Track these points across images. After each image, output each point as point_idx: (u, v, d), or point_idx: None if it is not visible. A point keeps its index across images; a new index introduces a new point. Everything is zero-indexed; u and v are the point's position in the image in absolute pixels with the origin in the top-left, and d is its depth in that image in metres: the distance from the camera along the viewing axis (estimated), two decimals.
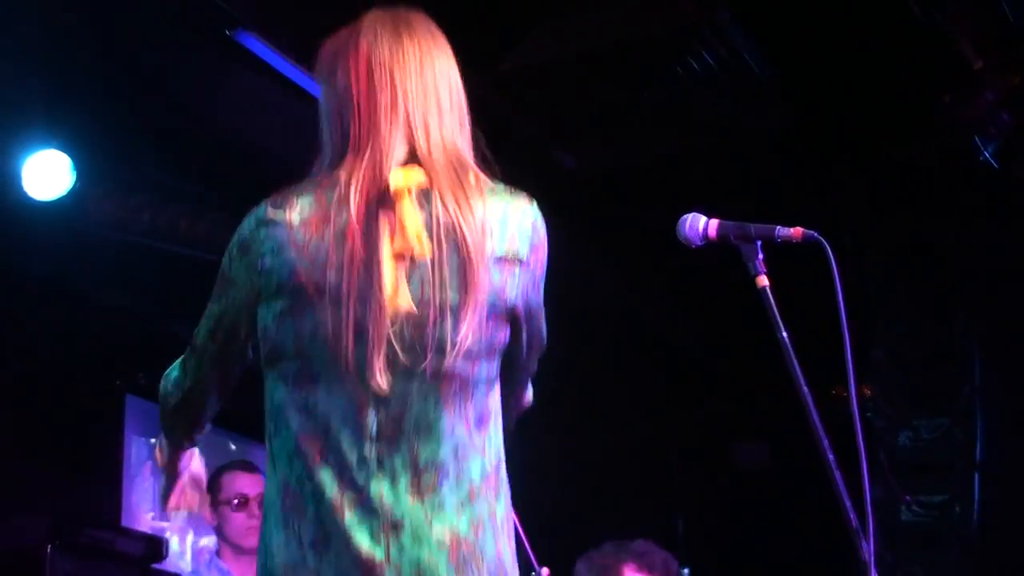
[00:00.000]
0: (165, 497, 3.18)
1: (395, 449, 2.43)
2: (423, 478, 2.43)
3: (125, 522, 7.01)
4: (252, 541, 5.13)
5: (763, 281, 2.87)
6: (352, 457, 2.42)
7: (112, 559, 6.11)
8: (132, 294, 6.86)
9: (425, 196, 2.49)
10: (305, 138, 2.72)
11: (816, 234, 2.82)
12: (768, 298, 2.85)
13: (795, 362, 2.81)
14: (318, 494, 2.43)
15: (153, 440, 7.41)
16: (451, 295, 2.45)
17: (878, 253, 7.21)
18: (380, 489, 2.41)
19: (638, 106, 6.05)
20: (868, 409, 7.60)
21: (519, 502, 2.80)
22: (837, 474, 2.69)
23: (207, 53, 5.61)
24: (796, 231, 2.84)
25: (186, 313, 7.23)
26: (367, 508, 2.41)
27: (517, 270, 2.55)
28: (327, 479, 2.42)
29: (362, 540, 2.39)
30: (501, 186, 2.61)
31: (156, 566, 6.21)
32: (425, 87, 2.63)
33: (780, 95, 6.01)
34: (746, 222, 2.88)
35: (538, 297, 2.61)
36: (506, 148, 6.01)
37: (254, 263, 2.49)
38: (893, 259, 7.33)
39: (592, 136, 6.41)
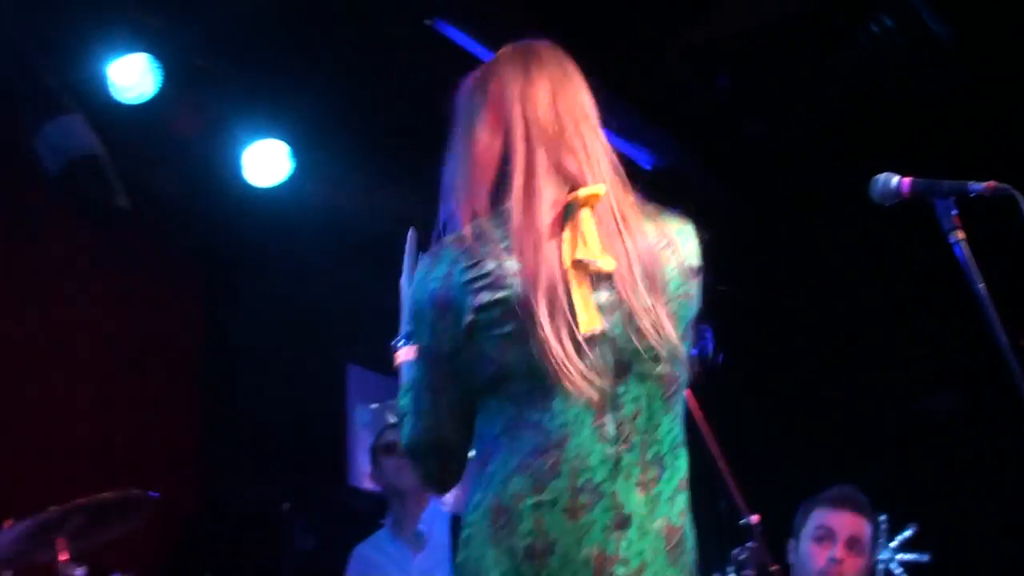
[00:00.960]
0: None
1: (629, 449, 2.47)
2: (648, 473, 2.48)
3: (352, 483, 7.12)
4: (403, 481, 5.37)
5: (959, 235, 2.80)
6: (594, 460, 2.45)
7: (342, 517, 6.22)
8: (348, 271, 6.94)
9: (601, 212, 2.55)
10: None
11: (1009, 187, 2.75)
12: (964, 251, 2.79)
13: (992, 313, 2.75)
14: (542, 506, 2.44)
15: (374, 405, 7.52)
16: (649, 302, 2.50)
17: None
18: (615, 488, 2.44)
19: (823, 73, 5.96)
20: None
21: (728, 453, 2.81)
22: None
23: (408, 42, 5.63)
24: (989, 185, 2.77)
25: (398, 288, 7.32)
26: (603, 507, 2.43)
27: (696, 281, 2.63)
28: (560, 488, 2.44)
29: (595, 537, 2.42)
30: (661, 208, 2.67)
31: (382, 521, 6.29)
32: (560, 115, 2.66)
33: (957, 54, 5.85)
34: (939, 180, 2.81)
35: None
36: (695, 120, 5.98)
37: (461, 311, 2.51)
38: None
39: (779, 105, 6.30)
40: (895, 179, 2.86)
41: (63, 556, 3.91)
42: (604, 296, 2.49)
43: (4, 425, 5.64)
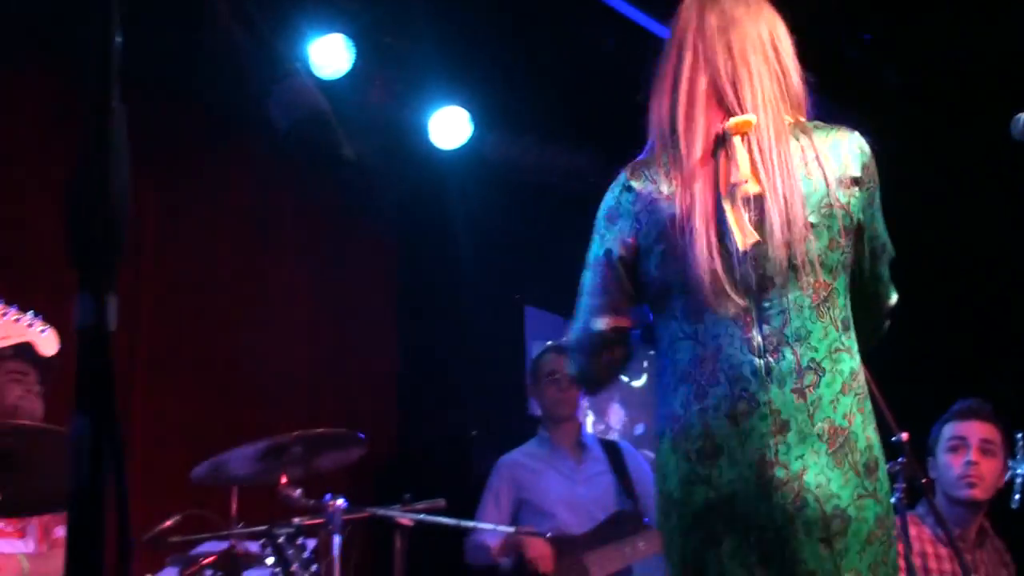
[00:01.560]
0: None
1: (779, 359, 2.43)
2: (805, 379, 2.42)
3: (530, 412, 7.14)
4: (561, 410, 5.46)
5: None
6: (745, 371, 2.43)
7: (522, 441, 6.25)
8: (525, 222, 6.95)
9: (752, 137, 2.52)
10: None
11: None
12: None
13: None
14: (706, 412, 2.45)
15: (549, 342, 7.54)
16: (790, 218, 2.45)
17: None
18: (770, 396, 2.41)
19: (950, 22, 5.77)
20: None
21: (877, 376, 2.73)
22: None
23: (574, 13, 5.59)
24: None
25: (571, 236, 7.31)
26: (760, 414, 2.41)
27: (856, 189, 2.52)
28: (720, 395, 2.44)
29: (755, 442, 2.41)
30: (821, 124, 2.59)
31: None
32: (731, 47, 2.61)
33: None
34: None
35: (875, 210, 2.58)
36: (835, 71, 5.81)
37: (626, 225, 2.57)
38: None
39: (914, 54, 6.11)
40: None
41: (284, 479, 3.99)
42: (753, 216, 2.47)
43: (233, 366, 5.80)
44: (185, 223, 5.82)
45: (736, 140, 2.52)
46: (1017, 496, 8.16)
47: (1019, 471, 8.06)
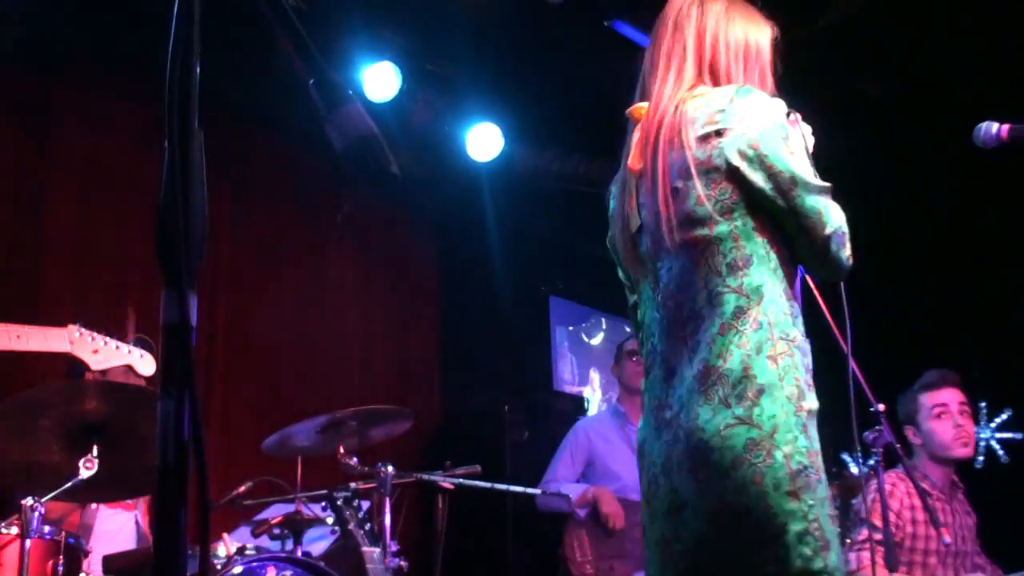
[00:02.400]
0: None
1: (668, 312, 2.37)
2: (687, 328, 2.32)
3: (555, 388, 7.16)
4: (637, 382, 5.26)
5: None
6: (653, 327, 2.42)
7: (547, 415, 6.28)
8: (550, 223, 6.97)
9: (644, 123, 2.47)
10: None
11: None
12: None
13: None
14: (641, 365, 2.50)
15: (571, 328, 7.56)
16: (662, 187, 2.36)
17: None
18: (664, 346, 2.36)
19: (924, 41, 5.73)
20: None
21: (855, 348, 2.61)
22: None
23: (593, 40, 5.59)
24: None
25: (589, 234, 7.32)
26: (659, 363, 2.37)
27: (719, 140, 2.31)
28: (644, 352, 2.45)
29: (655, 390, 2.38)
30: (710, 88, 2.42)
31: (580, 417, 6.33)
32: (658, 38, 2.54)
33: None
34: None
35: (760, 147, 2.29)
36: (816, 84, 5.75)
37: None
38: None
39: (890, 69, 6.06)
40: (996, 125, 2.73)
41: (341, 450, 4.02)
42: (641, 194, 2.44)
43: (297, 352, 5.85)
44: (255, 230, 5.86)
45: (635, 126, 2.51)
46: (981, 458, 8.13)
47: (982, 435, 8.04)
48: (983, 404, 8.01)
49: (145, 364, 3.30)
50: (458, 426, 6.32)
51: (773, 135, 2.30)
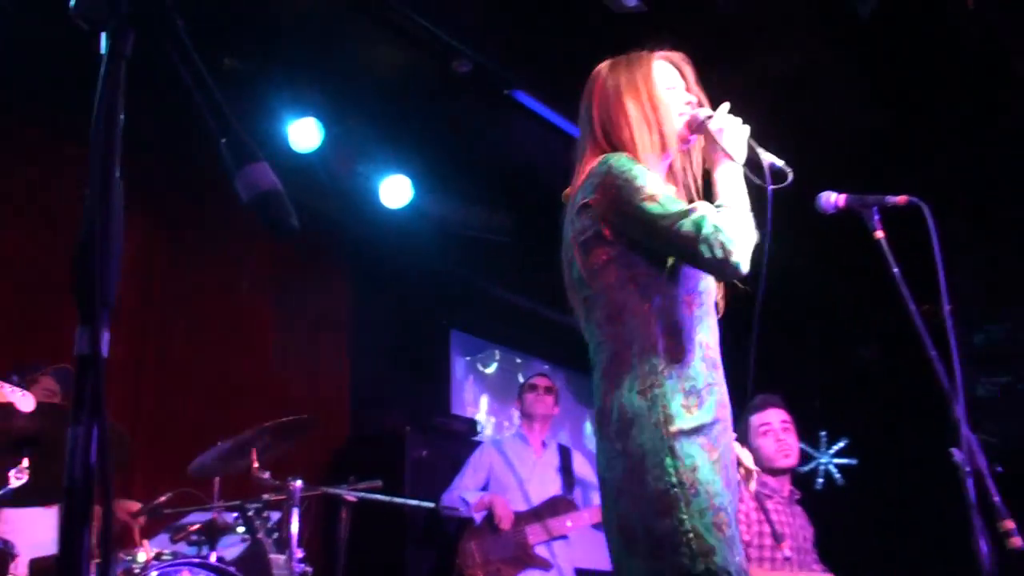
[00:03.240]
0: None
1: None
2: (593, 376, 2.36)
3: (453, 411, 7.14)
4: (534, 411, 5.60)
5: (879, 234, 2.71)
6: None
7: (445, 435, 6.24)
8: (453, 264, 6.95)
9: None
10: (561, 156, 2.69)
11: (918, 199, 2.64)
12: (883, 246, 2.70)
13: (905, 288, 2.67)
14: None
15: (468, 358, 7.55)
16: (564, 252, 2.43)
17: (958, 214, 6.81)
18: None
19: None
20: (952, 318, 7.25)
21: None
22: (938, 363, 2.55)
23: (493, 106, 5.62)
24: (902, 198, 2.68)
25: (487, 275, 7.29)
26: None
27: (588, 211, 2.34)
28: None
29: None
30: (598, 161, 2.40)
31: (473, 438, 6.31)
32: (588, 113, 2.53)
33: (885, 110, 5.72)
34: (865, 194, 2.72)
35: (625, 208, 2.29)
36: None
37: None
38: (968, 218, 6.91)
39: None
40: (833, 195, 2.78)
41: (255, 464, 3.94)
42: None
43: (218, 378, 5.75)
44: (183, 264, 5.75)
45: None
46: (821, 480, 8.28)
47: (822, 460, 8.20)
48: (823, 433, 8.18)
49: (25, 402, 3.19)
50: (364, 445, 6.25)
51: (628, 191, 2.29)
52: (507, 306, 7.47)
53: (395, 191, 6.17)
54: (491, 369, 7.79)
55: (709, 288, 2.40)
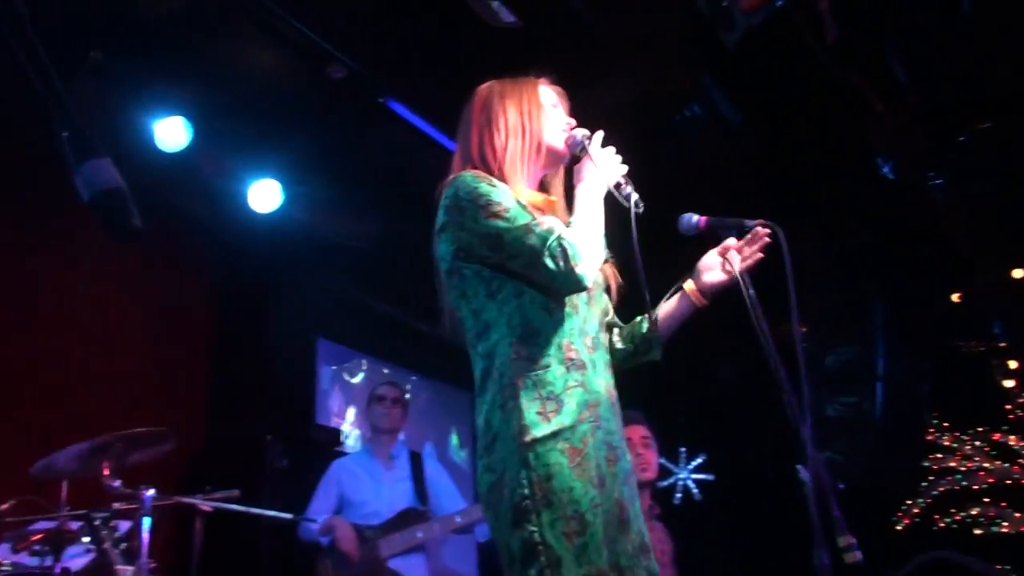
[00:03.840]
0: None
1: None
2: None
3: (317, 421, 7.03)
4: (382, 425, 5.54)
5: None
6: None
7: (308, 446, 6.15)
8: (321, 270, 6.86)
9: None
10: (432, 168, 2.69)
11: (773, 224, 2.67)
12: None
13: (758, 309, 2.65)
14: None
15: (335, 367, 7.45)
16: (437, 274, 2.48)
17: (810, 239, 7.06)
18: None
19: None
20: (804, 340, 7.51)
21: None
22: (786, 383, 2.60)
23: (367, 114, 5.58)
24: (759, 222, 2.71)
25: (356, 284, 7.22)
26: None
27: (443, 234, 2.40)
28: None
29: None
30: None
31: (337, 449, 6.24)
32: (468, 119, 2.57)
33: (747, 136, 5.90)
34: (725, 217, 2.76)
35: (470, 226, 2.34)
36: None
37: None
38: (821, 243, 7.17)
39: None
40: (695, 217, 2.82)
41: (106, 472, 3.81)
42: None
43: (74, 377, 5.54)
44: (38, 260, 5.52)
45: None
46: (679, 495, 8.44)
47: (681, 476, 8.37)
48: (683, 449, 8.35)
49: None
50: (222, 453, 6.10)
51: (473, 210, 2.33)
52: (375, 315, 7.41)
53: (264, 195, 6.06)
54: (358, 379, 7.71)
55: None
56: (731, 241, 2.70)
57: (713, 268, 2.69)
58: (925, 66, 5.31)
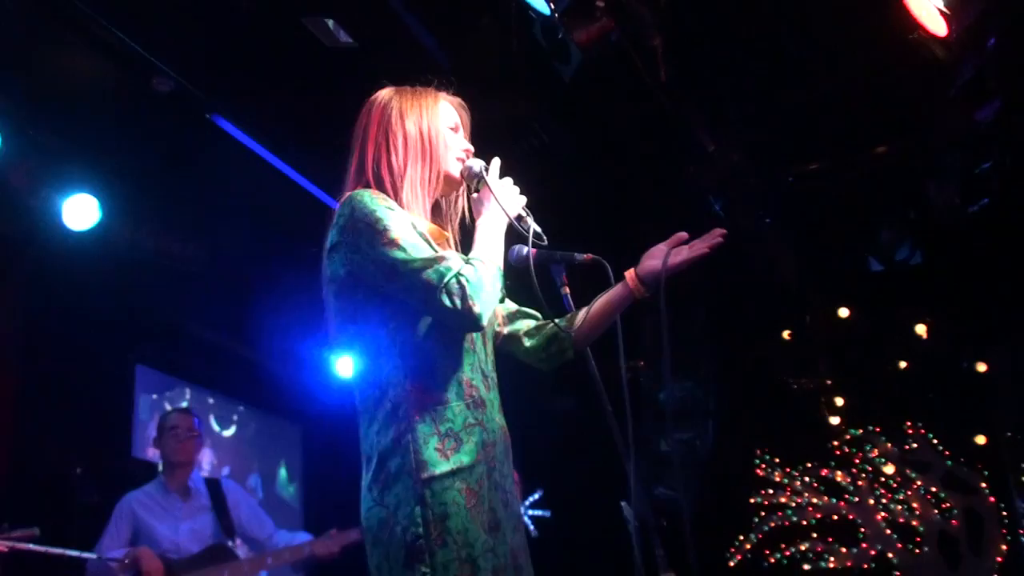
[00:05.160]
0: None
1: None
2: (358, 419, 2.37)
3: (134, 454, 6.78)
4: (177, 458, 5.38)
5: (566, 289, 2.74)
6: None
7: (123, 480, 5.93)
8: (141, 292, 6.63)
9: None
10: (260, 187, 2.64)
11: (600, 258, 2.70)
12: (568, 301, 2.73)
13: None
14: None
15: (155, 396, 7.21)
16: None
17: None
18: None
19: None
20: (640, 375, 7.67)
21: None
22: (611, 418, 2.64)
23: (194, 129, 5.45)
24: (588, 256, 2.73)
25: (179, 308, 7.02)
26: None
27: (334, 255, 2.35)
28: None
29: None
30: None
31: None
32: (363, 135, 2.51)
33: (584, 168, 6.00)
34: (554, 250, 2.76)
35: (366, 249, 2.29)
36: None
37: None
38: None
39: None
40: (525, 249, 2.83)
41: None
42: None
43: None
44: None
45: None
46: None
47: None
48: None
49: None
50: (27, 488, 5.80)
51: (370, 235, 2.27)
52: (200, 341, 7.20)
53: (80, 212, 5.81)
54: None
55: None
56: (682, 234, 2.70)
57: (656, 257, 2.68)
58: (756, 107, 5.53)
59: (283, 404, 7.83)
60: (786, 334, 8.24)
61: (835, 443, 8.59)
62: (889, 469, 8.42)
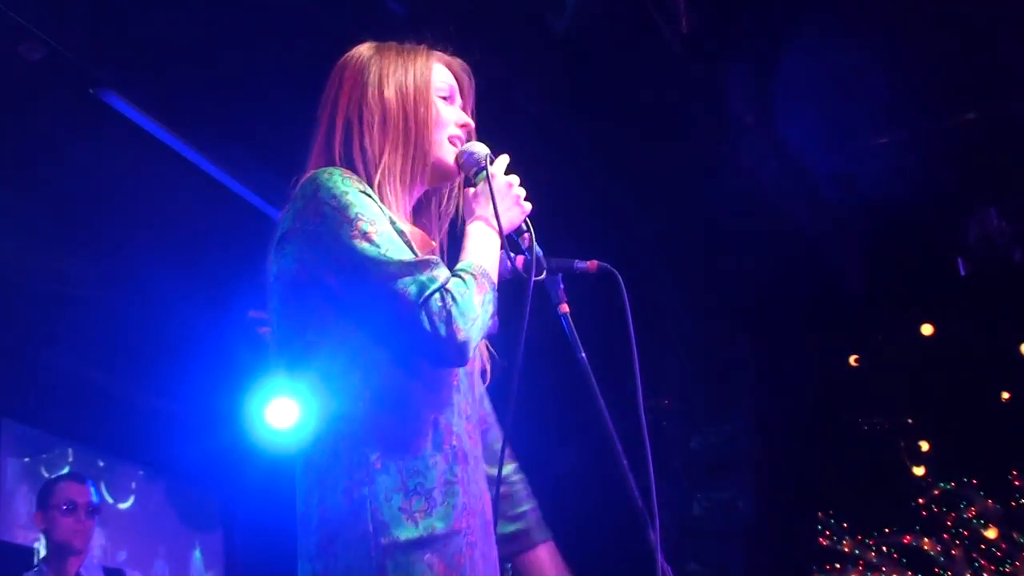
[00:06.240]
0: None
1: None
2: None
3: (0, 536, 6.80)
4: (76, 543, 5.39)
5: (564, 308, 2.66)
6: None
7: None
8: (10, 333, 6.64)
9: None
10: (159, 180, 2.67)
11: (609, 266, 2.67)
12: (568, 323, 2.64)
13: (592, 379, 2.63)
14: None
15: (27, 459, 7.22)
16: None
17: (671, 283, 7.25)
18: None
19: None
20: (664, 417, 7.67)
21: None
22: (629, 474, 2.63)
23: (68, 104, 5.48)
24: (592, 263, 2.68)
25: (56, 341, 7.06)
26: None
27: (286, 246, 2.29)
28: None
29: None
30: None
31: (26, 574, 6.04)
32: (332, 104, 2.48)
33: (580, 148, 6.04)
34: (548, 256, 2.66)
35: (326, 244, 2.23)
36: None
37: None
38: (685, 289, 7.38)
39: None
40: (508, 263, 2.82)
41: None
42: None
43: None
44: None
45: None
46: None
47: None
48: None
49: None
50: None
51: (335, 222, 2.22)
52: (85, 386, 7.19)
53: None
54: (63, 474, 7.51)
55: None
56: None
57: None
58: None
59: (196, 467, 7.83)
60: (853, 360, 8.29)
61: (920, 501, 8.63)
62: (991, 533, 8.46)
